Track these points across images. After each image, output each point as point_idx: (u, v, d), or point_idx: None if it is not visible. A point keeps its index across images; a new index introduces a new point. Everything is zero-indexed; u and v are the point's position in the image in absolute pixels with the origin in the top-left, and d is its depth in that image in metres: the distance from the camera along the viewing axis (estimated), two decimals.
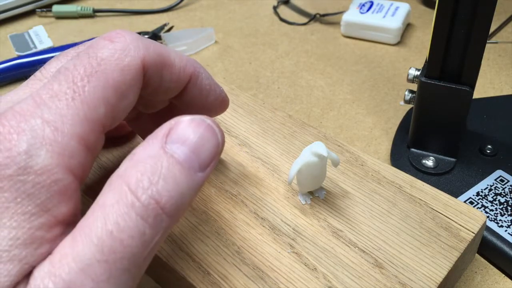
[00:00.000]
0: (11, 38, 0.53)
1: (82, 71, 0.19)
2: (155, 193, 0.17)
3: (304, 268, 0.23)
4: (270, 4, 0.59)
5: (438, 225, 0.25)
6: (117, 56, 0.20)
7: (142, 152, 0.18)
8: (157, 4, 0.59)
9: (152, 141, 0.19)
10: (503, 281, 0.29)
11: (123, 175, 0.18)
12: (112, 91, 0.19)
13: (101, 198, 0.17)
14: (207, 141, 0.19)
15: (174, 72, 0.22)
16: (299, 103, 0.44)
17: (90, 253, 0.16)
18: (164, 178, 0.18)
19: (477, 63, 0.31)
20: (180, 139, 0.19)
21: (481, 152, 0.35)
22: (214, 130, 0.20)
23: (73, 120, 0.18)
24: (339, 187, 0.27)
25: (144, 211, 0.17)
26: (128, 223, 0.17)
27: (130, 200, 0.17)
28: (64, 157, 0.17)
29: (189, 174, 0.18)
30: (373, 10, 0.52)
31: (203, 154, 0.19)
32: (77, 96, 0.18)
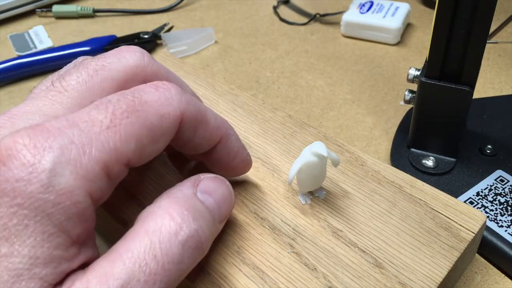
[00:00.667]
0: (11, 38, 0.53)
1: (124, 106, 0.19)
2: (198, 227, 0.19)
3: (304, 268, 0.23)
4: (270, 4, 0.59)
5: (438, 225, 0.25)
6: (160, 103, 0.20)
7: (178, 193, 0.20)
8: (157, 4, 0.59)
9: (185, 186, 0.21)
10: (503, 281, 0.29)
11: (165, 207, 0.19)
12: (147, 132, 0.19)
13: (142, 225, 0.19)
14: (227, 199, 0.22)
15: (208, 130, 0.23)
16: (299, 103, 0.44)
17: (133, 272, 0.17)
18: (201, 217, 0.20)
19: (477, 63, 0.31)
20: (208, 191, 0.21)
21: (481, 152, 0.35)
22: (231, 191, 0.23)
23: (102, 147, 0.18)
24: (339, 187, 0.27)
25: (186, 241, 0.19)
26: (171, 249, 0.18)
27: (174, 229, 0.19)
28: (86, 180, 0.18)
29: (214, 221, 0.21)
30: (373, 10, 0.52)
31: (223, 208, 0.22)
32: (112, 126, 0.18)
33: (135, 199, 0.27)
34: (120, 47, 0.24)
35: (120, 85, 0.22)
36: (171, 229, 0.19)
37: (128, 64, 0.23)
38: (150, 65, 0.23)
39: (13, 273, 0.16)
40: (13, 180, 0.16)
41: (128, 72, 0.23)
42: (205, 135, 0.23)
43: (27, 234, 0.16)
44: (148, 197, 0.27)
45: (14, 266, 0.16)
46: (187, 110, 0.21)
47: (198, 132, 0.22)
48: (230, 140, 0.24)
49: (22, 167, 0.17)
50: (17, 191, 0.16)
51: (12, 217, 0.16)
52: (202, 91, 0.34)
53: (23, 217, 0.16)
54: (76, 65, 0.23)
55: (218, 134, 0.23)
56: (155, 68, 0.24)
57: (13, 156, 0.17)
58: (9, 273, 0.16)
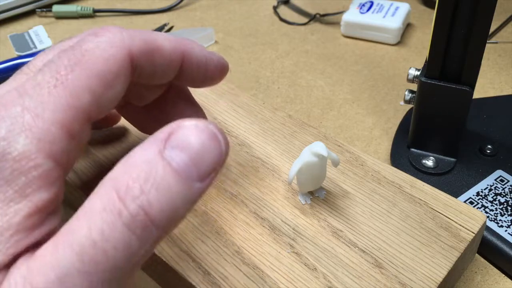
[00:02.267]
0: (11, 38, 0.53)
1: (66, 61, 0.19)
2: (145, 202, 0.16)
3: (304, 268, 0.23)
4: (270, 4, 0.59)
5: (438, 225, 0.25)
6: (102, 47, 0.20)
7: (137, 155, 0.17)
8: (157, 4, 0.59)
9: (150, 144, 0.17)
10: (503, 281, 0.29)
11: (114, 179, 0.16)
12: (97, 80, 0.19)
13: (88, 202, 0.16)
14: (209, 150, 0.18)
15: (165, 54, 0.22)
16: (299, 103, 0.44)
17: (70, 262, 0.15)
18: (157, 187, 0.16)
19: (477, 63, 0.31)
20: (180, 146, 0.17)
21: (481, 152, 0.35)
22: (217, 138, 0.18)
23: (55, 107, 0.18)
24: (339, 187, 0.27)
25: (131, 222, 0.16)
26: (113, 233, 0.16)
27: (118, 208, 0.16)
28: (44, 143, 0.17)
29: (186, 185, 0.17)
30: (373, 10, 0.52)
31: (203, 163, 0.17)
32: (60, 84, 0.18)
33: None
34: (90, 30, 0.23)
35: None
36: (115, 208, 0.16)
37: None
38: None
39: None
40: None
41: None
42: (164, 61, 0.22)
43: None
44: None
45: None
46: (133, 45, 0.20)
47: (156, 61, 0.21)
48: (193, 53, 0.23)
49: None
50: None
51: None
52: (202, 91, 0.34)
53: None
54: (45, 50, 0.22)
55: (177, 54, 0.22)
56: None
57: None
58: None
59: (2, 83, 0.53)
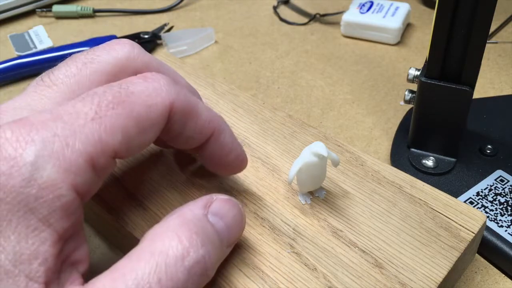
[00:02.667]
0: (11, 38, 0.53)
1: (110, 97, 0.19)
2: (206, 253, 0.19)
3: (304, 268, 0.23)
4: (270, 4, 0.59)
5: (438, 225, 0.25)
6: (148, 93, 0.20)
7: (188, 213, 0.20)
8: (157, 4, 0.59)
9: (196, 206, 0.20)
10: (503, 281, 0.29)
11: (174, 229, 0.19)
12: (134, 123, 0.19)
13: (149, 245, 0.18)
14: (237, 223, 0.22)
15: (199, 123, 0.22)
16: (299, 103, 0.44)
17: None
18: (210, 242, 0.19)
19: (477, 63, 0.31)
20: (219, 214, 0.21)
21: (481, 152, 0.35)
22: (243, 214, 0.22)
23: (86, 139, 0.18)
24: (339, 187, 0.27)
25: (192, 267, 0.18)
26: (176, 274, 0.18)
27: (182, 253, 0.18)
28: (70, 173, 0.17)
29: (222, 246, 0.21)
30: (373, 10, 0.52)
31: (233, 232, 0.21)
32: (97, 118, 0.18)
33: (135, 199, 0.27)
34: (111, 41, 0.23)
35: (109, 78, 0.22)
36: (178, 253, 0.18)
37: (117, 56, 0.22)
38: (141, 57, 0.23)
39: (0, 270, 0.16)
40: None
41: (118, 64, 0.22)
42: (196, 128, 0.22)
43: (10, 229, 0.16)
44: (149, 197, 0.27)
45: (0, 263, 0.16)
46: (177, 101, 0.20)
47: (189, 125, 0.22)
48: (223, 135, 0.23)
49: (3, 161, 0.16)
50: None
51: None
52: (202, 91, 0.34)
53: (6, 212, 0.16)
54: (66, 60, 0.23)
55: (210, 128, 0.23)
56: (146, 60, 0.23)
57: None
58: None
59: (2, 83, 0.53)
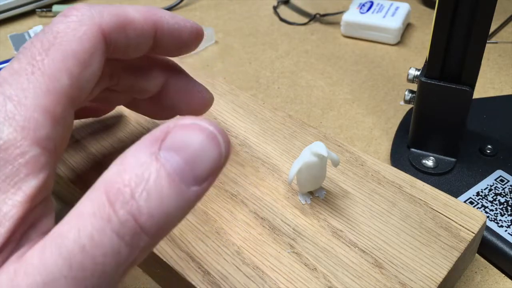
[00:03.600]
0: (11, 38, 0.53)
1: (39, 46, 0.19)
2: (134, 208, 0.15)
3: (304, 268, 0.23)
4: (270, 4, 0.59)
5: (438, 225, 0.25)
6: (73, 27, 0.20)
7: (131, 157, 0.16)
8: (157, 4, 0.59)
9: (145, 144, 0.16)
10: (503, 281, 0.29)
11: (106, 181, 0.16)
12: (73, 61, 0.19)
13: (79, 205, 0.16)
14: (207, 152, 0.16)
15: (137, 26, 0.22)
16: (299, 103, 0.44)
17: (58, 267, 0.15)
18: (148, 191, 0.15)
19: (477, 63, 0.31)
20: (176, 147, 0.16)
21: (481, 152, 0.35)
22: (217, 139, 0.17)
23: (35, 92, 0.18)
24: (339, 187, 0.27)
25: (120, 228, 0.15)
26: (102, 239, 0.15)
27: (107, 213, 0.15)
28: (28, 130, 0.17)
29: (180, 189, 0.16)
30: (373, 10, 0.52)
31: (200, 166, 0.16)
32: (37, 70, 0.18)
33: None
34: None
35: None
36: (104, 213, 0.15)
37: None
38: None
39: None
40: None
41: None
42: (137, 33, 0.22)
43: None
44: None
45: None
46: (103, 21, 0.20)
47: (129, 34, 0.22)
48: (165, 22, 0.23)
49: None
50: None
51: None
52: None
53: None
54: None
55: (149, 24, 0.22)
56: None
57: None
58: None
59: None
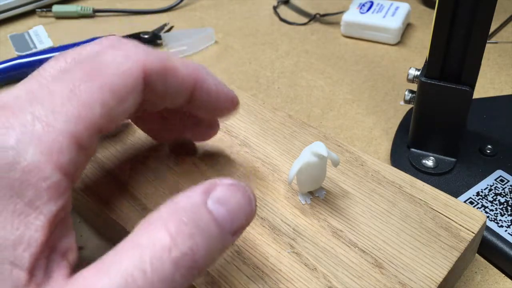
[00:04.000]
0: (11, 38, 0.53)
1: (81, 73, 0.19)
2: (194, 245, 0.17)
3: (304, 268, 0.23)
4: (270, 4, 0.59)
5: (438, 225, 0.25)
6: (118, 61, 0.20)
7: (183, 201, 0.18)
8: (157, 4, 0.59)
9: (195, 192, 0.19)
10: (503, 281, 0.29)
11: (164, 219, 0.18)
12: (110, 93, 0.19)
13: (134, 237, 0.17)
14: (243, 208, 0.20)
15: (179, 77, 0.22)
16: (299, 103, 0.44)
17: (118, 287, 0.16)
18: (202, 233, 0.18)
19: (477, 63, 0.31)
20: (220, 200, 0.19)
21: (481, 152, 0.35)
22: (250, 198, 0.20)
23: (66, 117, 0.18)
24: (339, 187, 0.27)
25: (179, 260, 0.17)
26: (162, 267, 0.17)
27: (168, 245, 0.17)
28: (53, 154, 0.17)
29: (223, 235, 0.19)
30: (373, 10, 0.52)
31: (237, 219, 0.19)
32: (73, 96, 0.18)
33: (136, 199, 0.27)
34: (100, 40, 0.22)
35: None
36: (165, 244, 0.17)
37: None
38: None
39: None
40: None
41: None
42: (177, 82, 0.22)
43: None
44: (148, 197, 0.27)
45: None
46: (148, 62, 0.20)
47: (169, 81, 0.22)
48: (206, 82, 0.23)
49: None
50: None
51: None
52: None
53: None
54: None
55: (191, 78, 0.23)
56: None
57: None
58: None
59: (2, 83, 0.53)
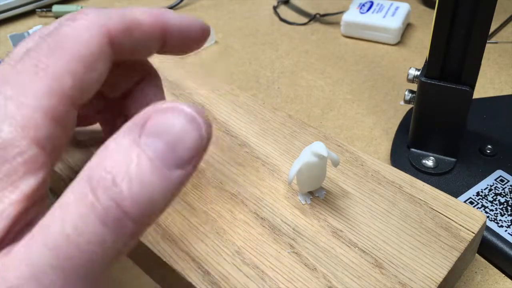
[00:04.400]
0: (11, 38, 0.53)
1: (45, 48, 0.19)
2: (117, 194, 0.15)
3: (304, 268, 0.23)
4: (270, 4, 0.59)
5: (438, 225, 0.25)
6: (80, 30, 0.19)
7: (112, 145, 0.16)
8: (157, 4, 0.59)
9: (125, 132, 0.16)
10: (503, 281, 0.29)
11: (88, 170, 0.16)
12: (78, 63, 0.19)
13: (63, 196, 0.16)
14: (187, 134, 0.16)
15: (145, 29, 0.22)
16: (299, 103, 0.44)
17: (44, 258, 0.15)
18: (130, 177, 0.15)
19: (477, 63, 0.31)
20: (156, 131, 0.16)
21: (481, 152, 0.35)
22: (196, 120, 0.16)
23: (37, 93, 0.18)
24: (339, 187, 0.27)
25: (104, 215, 0.15)
26: (86, 227, 0.15)
27: (90, 201, 0.15)
28: (28, 129, 0.17)
29: (162, 173, 0.16)
30: (373, 10, 0.52)
31: (181, 149, 0.16)
32: (40, 70, 0.18)
33: None
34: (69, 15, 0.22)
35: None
36: (87, 200, 0.15)
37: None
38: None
39: None
40: None
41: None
42: (144, 36, 0.22)
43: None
44: None
45: None
46: (111, 25, 0.20)
47: (135, 37, 0.21)
48: (172, 22, 0.23)
49: None
50: None
51: None
52: (202, 91, 0.34)
53: None
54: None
55: (157, 26, 0.22)
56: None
57: None
58: None
59: None
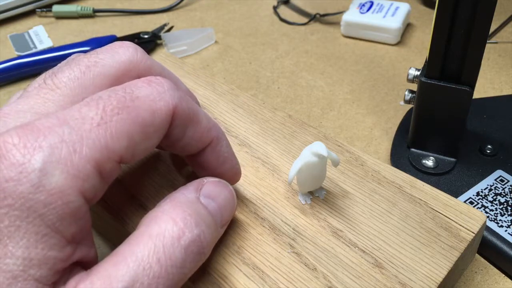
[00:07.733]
0: (11, 38, 0.53)
1: (115, 102, 0.19)
2: (200, 232, 0.20)
3: (304, 268, 0.23)
4: (270, 4, 0.59)
5: (438, 225, 0.25)
6: (152, 98, 0.20)
7: (181, 197, 0.21)
8: (157, 4, 0.59)
9: (188, 190, 0.21)
10: (503, 281, 0.29)
11: (169, 212, 0.20)
12: (139, 129, 0.19)
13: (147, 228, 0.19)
14: (229, 203, 0.22)
15: (198, 130, 0.22)
16: (299, 103, 0.44)
17: (136, 275, 0.18)
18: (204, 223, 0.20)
19: (477, 63, 0.31)
20: (211, 196, 0.22)
21: (481, 152, 0.35)
22: (234, 195, 0.23)
23: (93, 145, 0.18)
24: (339, 187, 0.27)
25: (189, 246, 0.19)
26: (174, 253, 0.19)
27: (177, 234, 0.19)
28: (78, 179, 0.17)
29: (216, 227, 0.21)
30: (373, 10, 0.52)
31: (225, 212, 0.22)
32: (103, 123, 0.18)
33: (135, 199, 0.27)
34: (114, 43, 0.23)
35: (113, 81, 0.22)
36: (174, 233, 0.19)
37: (120, 59, 0.22)
38: (144, 61, 0.23)
39: (8, 275, 0.16)
40: (3, 180, 0.16)
41: (121, 68, 0.22)
42: (195, 135, 0.22)
43: (19, 235, 0.16)
44: (149, 198, 0.27)
45: (8, 268, 0.16)
46: (179, 106, 0.21)
47: (188, 131, 0.22)
48: (220, 145, 0.23)
49: (11, 167, 0.16)
50: (7, 192, 0.16)
51: (3, 218, 0.16)
52: (202, 91, 0.34)
53: (14, 218, 0.16)
54: (68, 62, 0.22)
55: (208, 136, 0.23)
56: (149, 64, 0.23)
57: (3, 156, 0.16)
58: (4, 275, 0.16)
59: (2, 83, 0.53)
